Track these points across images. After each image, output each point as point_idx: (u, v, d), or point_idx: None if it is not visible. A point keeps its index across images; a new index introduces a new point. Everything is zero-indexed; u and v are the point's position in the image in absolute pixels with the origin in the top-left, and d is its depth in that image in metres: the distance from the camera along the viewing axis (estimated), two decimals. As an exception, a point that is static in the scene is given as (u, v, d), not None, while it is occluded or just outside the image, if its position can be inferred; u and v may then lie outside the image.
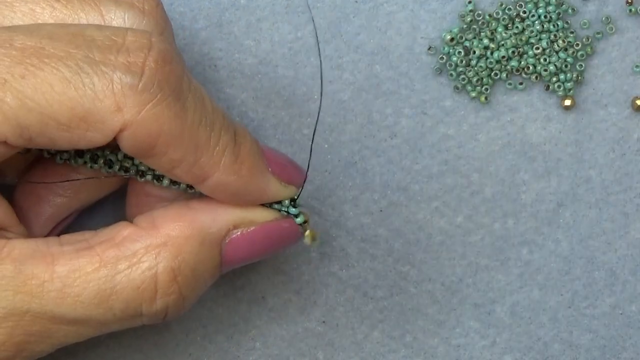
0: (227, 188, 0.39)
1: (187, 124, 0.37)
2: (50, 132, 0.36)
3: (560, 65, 0.47)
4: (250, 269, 0.47)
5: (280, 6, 0.47)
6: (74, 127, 0.36)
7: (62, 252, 0.38)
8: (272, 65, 0.47)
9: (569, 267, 0.47)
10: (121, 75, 0.36)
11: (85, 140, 0.37)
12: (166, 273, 0.38)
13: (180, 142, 0.37)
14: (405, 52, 0.47)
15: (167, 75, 0.37)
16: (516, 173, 0.47)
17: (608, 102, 0.47)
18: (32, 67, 0.36)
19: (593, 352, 0.47)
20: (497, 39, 0.47)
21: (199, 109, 0.37)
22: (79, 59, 0.36)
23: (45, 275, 0.37)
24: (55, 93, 0.36)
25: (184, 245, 0.38)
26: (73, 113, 0.36)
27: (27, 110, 0.35)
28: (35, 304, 0.37)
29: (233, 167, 0.38)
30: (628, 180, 0.47)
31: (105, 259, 0.37)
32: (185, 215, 0.39)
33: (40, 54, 0.36)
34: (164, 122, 0.36)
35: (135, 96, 0.36)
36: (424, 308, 0.47)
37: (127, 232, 0.38)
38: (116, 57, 0.36)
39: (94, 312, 0.37)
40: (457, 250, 0.47)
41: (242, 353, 0.47)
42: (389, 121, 0.47)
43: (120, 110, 0.36)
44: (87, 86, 0.36)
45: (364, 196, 0.47)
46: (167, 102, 0.36)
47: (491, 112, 0.47)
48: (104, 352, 0.46)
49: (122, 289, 0.38)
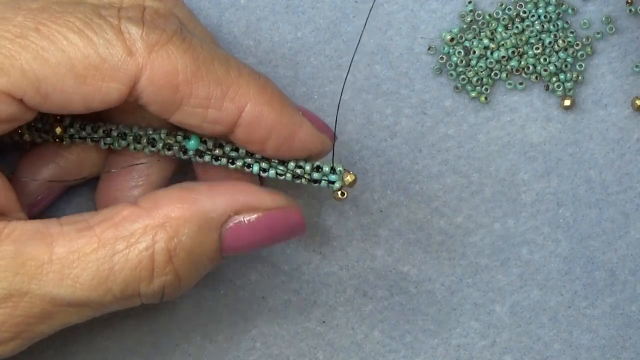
0: (263, 122, 0.39)
1: (199, 59, 0.38)
2: (66, 85, 0.37)
3: (560, 65, 0.47)
4: (250, 269, 0.47)
5: (280, 6, 0.47)
6: (89, 77, 0.37)
7: (61, 232, 0.38)
8: (272, 65, 0.47)
9: (569, 267, 0.47)
10: (126, 24, 0.37)
11: (101, 94, 0.37)
12: (162, 253, 0.38)
13: (200, 77, 0.38)
14: (405, 52, 0.47)
15: (165, 22, 0.38)
16: (516, 173, 0.47)
17: (608, 102, 0.47)
18: (45, 20, 0.37)
19: (593, 352, 0.47)
20: (497, 39, 0.47)
21: (207, 47, 0.39)
22: (87, 13, 0.37)
23: (44, 256, 0.37)
24: (69, 42, 0.36)
25: (181, 227, 0.38)
26: (88, 61, 0.37)
27: (43, 61, 0.36)
28: (34, 285, 0.37)
29: (264, 95, 0.39)
30: (628, 180, 0.47)
31: (103, 240, 0.38)
32: (187, 198, 0.39)
33: (49, 10, 0.37)
34: (176, 58, 0.37)
35: (142, 40, 0.37)
36: (424, 308, 0.47)
37: (126, 212, 0.38)
38: (118, 13, 0.38)
39: (93, 294, 0.38)
40: (457, 250, 0.47)
41: (242, 353, 0.47)
42: (389, 121, 0.47)
43: (132, 54, 0.37)
44: (99, 34, 0.37)
45: (364, 196, 0.47)
46: (173, 41, 0.38)
47: (491, 112, 0.47)
48: (104, 352, 0.46)
49: (120, 270, 0.38)
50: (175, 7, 0.41)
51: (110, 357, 0.46)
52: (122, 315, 0.46)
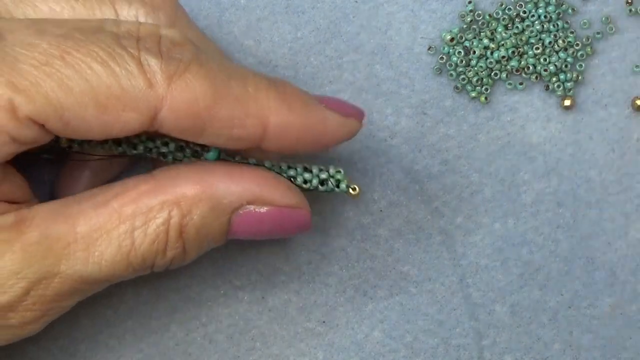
0: (289, 130, 0.39)
1: (217, 82, 0.38)
2: (88, 113, 0.37)
3: (560, 65, 0.47)
4: (250, 269, 0.47)
5: (280, 6, 0.47)
6: (110, 106, 0.37)
7: (80, 210, 0.39)
8: (272, 65, 0.47)
9: (569, 267, 0.47)
10: (146, 56, 0.38)
11: (120, 123, 0.38)
12: (175, 229, 0.39)
13: (219, 99, 0.38)
14: (405, 52, 0.47)
15: (181, 51, 0.38)
16: (516, 173, 0.47)
17: (608, 102, 0.47)
18: (70, 49, 0.37)
19: (593, 352, 0.47)
20: (497, 39, 0.47)
21: (224, 68, 0.39)
22: (109, 42, 0.37)
23: (69, 236, 0.38)
24: (93, 72, 0.37)
25: (194, 207, 0.39)
26: (110, 92, 0.37)
27: (68, 90, 0.37)
28: (64, 265, 0.38)
29: (284, 105, 0.39)
30: (628, 180, 0.47)
31: (123, 216, 0.39)
32: (204, 180, 0.40)
33: (74, 38, 0.37)
34: (194, 86, 0.38)
35: (161, 72, 0.37)
36: (424, 308, 0.47)
37: (144, 187, 0.39)
38: (137, 44, 0.38)
39: (116, 270, 0.39)
40: (457, 250, 0.47)
41: (242, 353, 0.47)
42: (389, 121, 0.47)
43: (153, 85, 0.37)
44: (121, 65, 0.37)
45: (364, 196, 0.47)
46: (191, 69, 0.38)
47: (491, 112, 0.47)
48: (104, 352, 0.46)
49: (140, 245, 0.39)
50: (187, 28, 0.42)
51: (110, 357, 0.46)
52: (123, 315, 0.46)
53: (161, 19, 0.41)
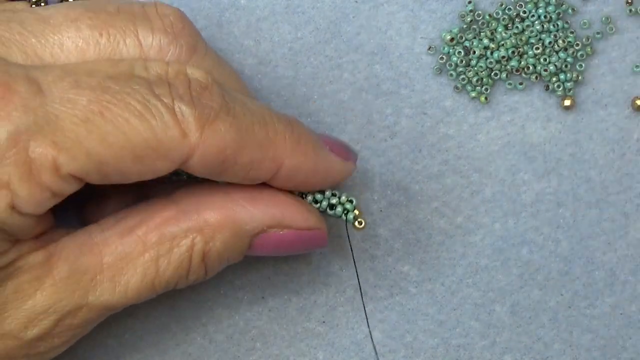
0: (299, 172, 0.41)
1: (243, 128, 0.39)
2: (125, 166, 0.38)
3: (560, 65, 0.47)
4: (250, 269, 0.47)
5: (280, 6, 0.47)
6: (146, 157, 0.38)
7: (105, 240, 0.40)
8: (272, 65, 0.47)
9: (569, 267, 0.47)
10: (179, 104, 0.38)
11: (154, 169, 0.38)
12: (198, 255, 0.40)
13: (244, 146, 0.39)
14: (405, 52, 0.47)
15: (210, 97, 0.39)
16: (516, 173, 0.47)
17: (608, 102, 0.47)
18: (107, 104, 0.37)
19: (593, 352, 0.47)
20: (497, 39, 0.47)
21: (248, 112, 0.40)
22: (144, 93, 0.38)
23: (96, 268, 0.39)
24: (131, 127, 0.37)
25: (217, 233, 0.40)
26: (147, 144, 0.37)
27: (108, 146, 0.37)
28: (91, 297, 0.39)
29: (299, 149, 0.40)
30: (628, 180, 0.47)
31: (148, 243, 0.40)
32: (226, 207, 0.41)
33: (110, 91, 0.38)
34: (224, 134, 0.38)
35: (195, 121, 0.38)
36: (424, 308, 0.47)
37: (167, 213, 0.40)
38: (170, 92, 0.38)
39: (141, 295, 0.40)
40: (457, 250, 0.47)
41: (242, 353, 0.47)
42: (389, 121, 0.47)
43: (186, 135, 0.38)
44: (157, 118, 0.38)
45: (364, 196, 0.47)
46: (220, 117, 0.39)
47: (491, 112, 0.47)
48: (104, 352, 0.46)
49: (164, 271, 0.40)
50: (207, 54, 0.42)
51: (110, 356, 0.46)
52: (123, 315, 0.46)
53: (183, 47, 0.41)
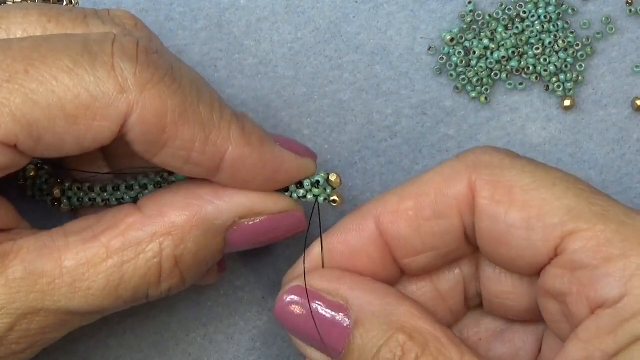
0: (245, 163, 0.39)
1: (187, 101, 0.38)
2: (57, 126, 0.36)
3: (560, 65, 0.47)
4: (250, 269, 0.47)
5: (280, 6, 0.47)
6: (80, 117, 0.36)
7: (68, 244, 0.38)
8: (272, 65, 0.47)
9: (569, 267, 0.47)
10: (120, 60, 0.37)
11: (92, 133, 0.37)
12: (169, 260, 0.39)
13: (186, 119, 0.37)
14: (405, 52, 0.47)
15: (157, 60, 0.37)
16: (516, 173, 0.47)
17: (608, 102, 0.47)
18: (34, 61, 0.36)
19: (593, 352, 0.47)
20: (497, 39, 0.47)
21: (195, 89, 0.38)
22: (78, 50, 0.37)
23: (55, 272, 0.37)
24: (59, 83, 0.36)
25: (187, 234, 0.39)
26: (79, 101, 0.36)
27: (34, 104, 0.36)
28: (48, 302, 0.37)
29: (243, 138, 0.39)
30: (628, 180, 0.47)
31: (111, 249, 0.38)
32: (192, 205, 0.39)
33: (39, 50, 0.36)
34: (166, 98, 0.37)
35: (135, 77, 0.37)
36: (424, 308, 0.47)
37: (131, 219, 0.39)
38: (111, 47, 0.37)
39: (105, 302, 0.38)
40: (457, 250, 0.47)
41: (242, 353, 0.47)
42: (389, 121, 0.47)
43: (124, 91, 0.36)
44: (90, 73, 0.36)
45: (364, 196, 0.47)
46: (165, 81, 0.37)
47: (491, 112, 0.47)
48: (104, 352, 0.46)
49: (130, 278, 0.38)
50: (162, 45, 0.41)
51: (110, 356, 0.46)
52: (123, 315, 0.46)
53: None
